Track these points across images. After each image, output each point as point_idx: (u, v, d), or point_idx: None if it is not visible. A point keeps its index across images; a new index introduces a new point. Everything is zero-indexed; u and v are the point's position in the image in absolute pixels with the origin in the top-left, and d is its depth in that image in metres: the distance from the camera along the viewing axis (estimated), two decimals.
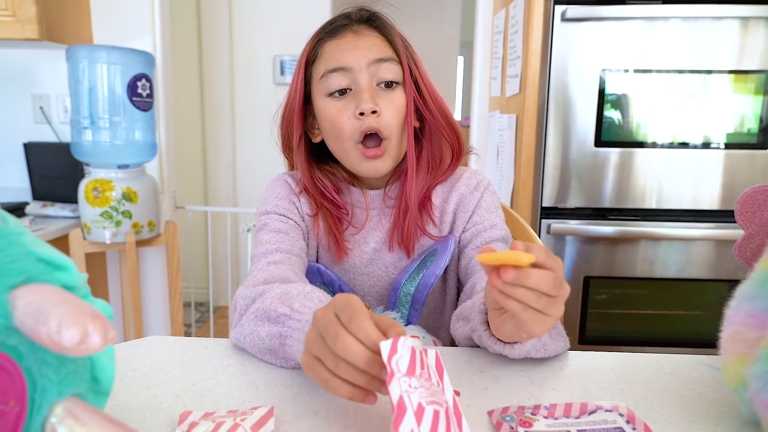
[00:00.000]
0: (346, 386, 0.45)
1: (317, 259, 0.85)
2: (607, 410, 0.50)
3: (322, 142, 0.82)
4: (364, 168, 0.78)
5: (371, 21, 0.79)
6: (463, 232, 0.83)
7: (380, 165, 0.77)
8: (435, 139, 0.82)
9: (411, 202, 0.79)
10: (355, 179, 0.85)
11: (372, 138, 0.76)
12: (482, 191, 0.83)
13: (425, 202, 0.82)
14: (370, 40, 0.77)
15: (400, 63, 0.77)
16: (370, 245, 0.83)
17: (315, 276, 0.83)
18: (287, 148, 0.85)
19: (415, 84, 0.79)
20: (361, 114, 0.74)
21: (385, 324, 0.45)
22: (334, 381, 0.45)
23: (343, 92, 0.76)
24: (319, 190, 0.82)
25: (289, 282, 0.67)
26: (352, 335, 0.44)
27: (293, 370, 0.59)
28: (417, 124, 0.82)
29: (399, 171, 0.82)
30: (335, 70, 0.75)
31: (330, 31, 0.78)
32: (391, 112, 0.76)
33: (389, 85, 0.76)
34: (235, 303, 0.67)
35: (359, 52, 0.75)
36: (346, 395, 0.45)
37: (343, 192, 0.84)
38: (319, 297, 0.59)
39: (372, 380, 0.44)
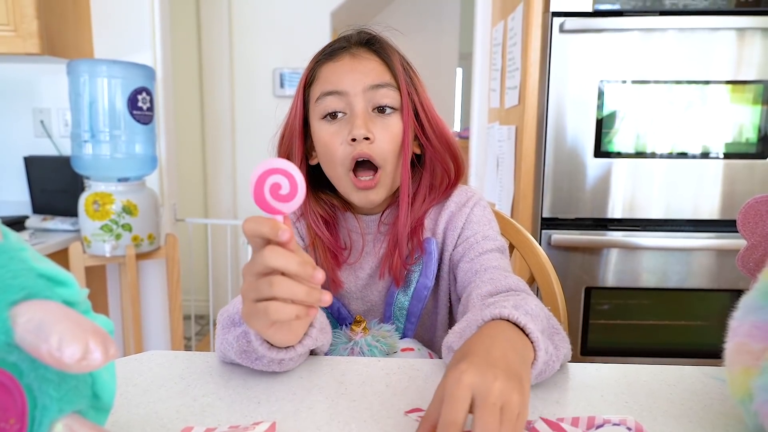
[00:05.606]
0: (288, 306, 0.46)
1: None
2: (615, 424, 0.49)
3: (320, 166, 0.80)
4: (356, 197, 0.76)
5: (371, 44, 0.77)
6: (454, 248, 0.80)
7: (372, 195, 0.76)
8: (434, 166, 0.80)
9: (401, 236, 0.77)
10: (350, 204, 0.83)
11: (365, 165, 0.75)
12: (471, 206, 0.81)
13: (417, 229, 0.80)
14: (368, 65, 0.75)
15: (399, 89, 0.75)
16: (365, 271, 0.82)
17: None
18: None
19: (414, 110, 0.77)
20: (353, 140, 0.72)
21: None
22: (274, 305, 0.46)
23: (335, 116, 0.74)
24: (313, 219, 0.80)
25: None
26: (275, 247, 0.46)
27: (296, 384, 0.59)
28: (417, 151, 0.80)
29: (396, 197, 0.80)
30: (330, 93, 0.74)
31: (329, 53, 0.77)
32: (385, 138, 0.73)
33: (384, 110, 0.74)
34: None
35: (356, 76, 0.73)
36: (291, 313, 0.46)
37: (338, 219, 0.82)
38: None
39: (311, 291, 0.47)
